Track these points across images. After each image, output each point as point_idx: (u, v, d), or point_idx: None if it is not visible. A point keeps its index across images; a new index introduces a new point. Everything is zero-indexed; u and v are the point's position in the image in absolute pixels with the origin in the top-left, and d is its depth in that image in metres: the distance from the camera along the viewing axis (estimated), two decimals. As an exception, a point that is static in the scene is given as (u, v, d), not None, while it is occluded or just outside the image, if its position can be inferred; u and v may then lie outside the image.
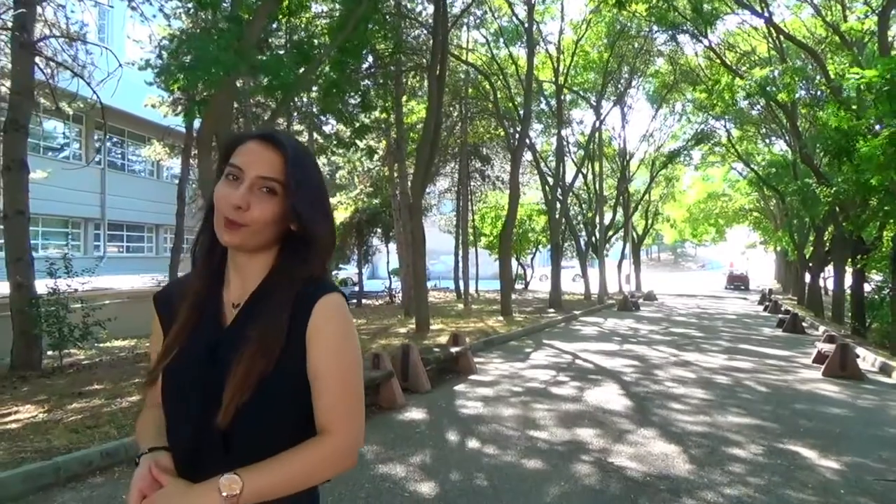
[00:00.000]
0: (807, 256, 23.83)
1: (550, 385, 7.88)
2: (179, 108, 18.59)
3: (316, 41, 13.34)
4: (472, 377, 8.31)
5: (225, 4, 11.65)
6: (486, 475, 4.52)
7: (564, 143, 24.67)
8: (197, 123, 13.77)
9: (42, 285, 9.25)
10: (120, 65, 11.54)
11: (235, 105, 12.58)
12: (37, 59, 10.48)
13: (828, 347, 9.73)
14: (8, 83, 12.43)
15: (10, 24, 10.97)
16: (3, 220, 9.32)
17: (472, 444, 5.30)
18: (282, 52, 14.26)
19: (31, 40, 10.05)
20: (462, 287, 23.50)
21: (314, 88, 14.87)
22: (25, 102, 9.69)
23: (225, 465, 1.10)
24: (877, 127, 8.79)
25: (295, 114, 17.71)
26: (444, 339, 10.50)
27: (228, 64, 6.86)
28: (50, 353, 9.44)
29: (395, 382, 6.48)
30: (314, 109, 17.88)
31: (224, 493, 1.07)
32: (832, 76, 14.81)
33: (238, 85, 10.91)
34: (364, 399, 1.24)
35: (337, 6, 11.93)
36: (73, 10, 13.28)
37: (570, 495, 4.14)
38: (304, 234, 1.23)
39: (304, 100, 17.32)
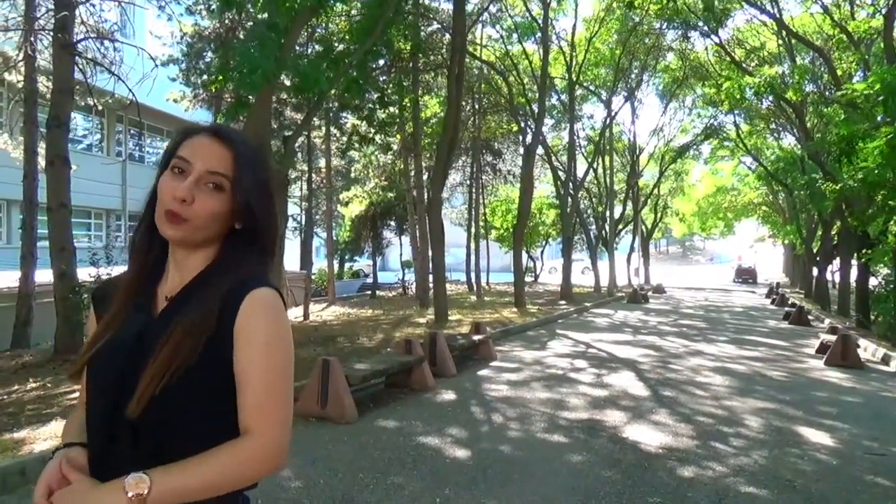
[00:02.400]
0: (814, 250, 24.19)
1: (569, 371, 8.43)
2: (201, 103, 19.19)
3: (342, 44, 13.91)
4: (494, 364, 8.87)
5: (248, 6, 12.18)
6: (514, 446, 5.07)
7: (576, 137, 25.10)
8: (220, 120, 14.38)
9: (83, 274, 9.82)
10: (156, 65, 12.11)
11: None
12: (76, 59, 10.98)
13: (830, 338, 10.20)
14: (43, 80, 13.03)
15: (50, 26, 11.56)
16: (47, 212, 9.88)
17: (500, 420, 5.87)
18: (299, 48, 14.80)
19: (72, 41, 10.52)
20: (474, 279, 24.06)
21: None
22: (66, 100, 10.16)
23: (133, 462, 1.06)
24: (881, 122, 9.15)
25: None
26: (463, 329, 11.04)
27: (270, 71, 7.38)
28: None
29: (426, 367, 7.04)
30: (332, 105, 18.38)
31: (130, 494, 1.02)
32: (839, 74, 15.21)
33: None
34: (292, 401, 1.20)
35: (360, 9, 12.41)
36: (103, 10, 13.76)
37: (590, 463, 4.69)
38: (251, 232, 1.23)
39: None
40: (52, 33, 10.84)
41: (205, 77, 15.69)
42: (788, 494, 4.16)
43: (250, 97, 9.02)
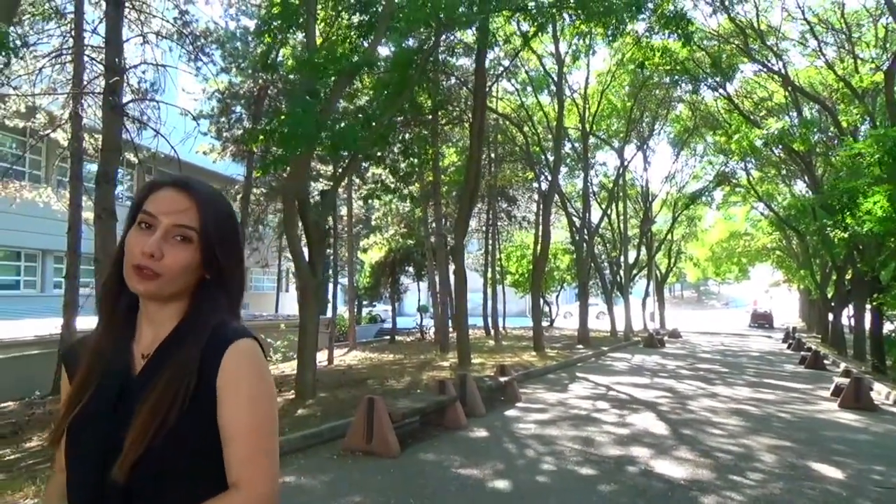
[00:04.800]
0: (829, 295, 24.42)
1: (592, 412, 8.87)
2: (229, 154, 20.10)
3: (366, 97, 14.79)
4: (520, 404, 9.31)
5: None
6: (548, 477, 5.53)
7: (589, 184, 25.79)
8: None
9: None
10: (197, 124, 13.03)
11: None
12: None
13: (844, 381, 10.53)
14: (87, 138, 13.88)
15: (98, 89, 12.49)
16: (95, 263, 10.55)
17: (532, 455, 6.32)
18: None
19: (121, 103, 11.35)
20: (491, 324, 24.52)
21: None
22: (114, 158, 10.91)
23: None
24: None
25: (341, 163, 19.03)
26: (486, 372, 11.46)
27: (311, 135, 8.10)
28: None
29: (459, 406, 7.52)
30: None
31: None
32: (845, 126, 15.84)
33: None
34: (278, 453, 1.19)
35: (387, 69, 13.28)
36: (144, 72, 14.68)
37: (619, 492, 5.13)
38: (219, 282, 1.22)
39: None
40: (100, 95, 11.72)
41: (240, 132, 16.58)
42: (801, 520, 4.57)
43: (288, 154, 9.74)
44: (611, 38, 13.42)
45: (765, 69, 18.03)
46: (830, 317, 23.94)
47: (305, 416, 7.62)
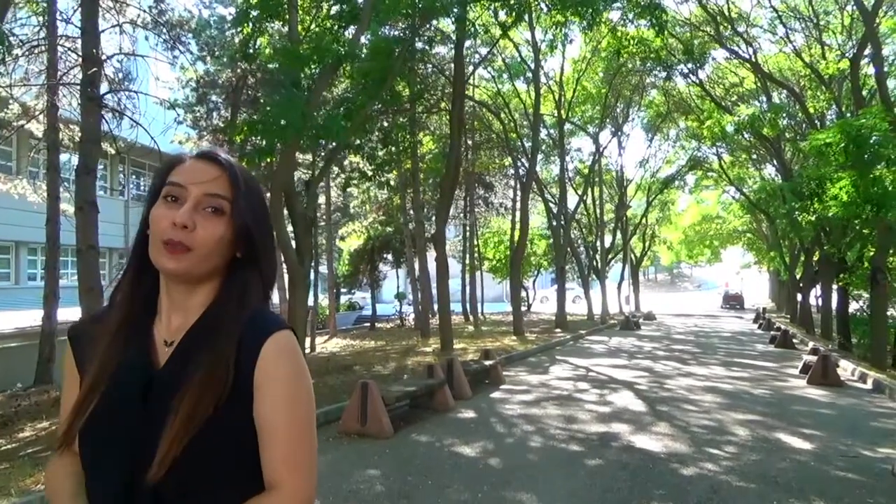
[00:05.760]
0: (797, 276, 25.16)
1: (574, 392, 9.20)
2: (205, 144, 20.02)
3: (345, 85, 14.85)
4: (504, 387, 9.62)
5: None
6: (535, 454, 5.83)
7: (565, 170, 26.12)
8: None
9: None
10: (177, 114, 13.01)
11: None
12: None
13: (812, 359, 11.00)
14: (63, 129, 13.76)
15: (74, 80, 12.40)
16: (77, 254, 10.55)
17: (519, 433, 6.62)
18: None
19: (99, 94, 11.28)
20: (470, 309, 24.84)
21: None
22: (94, 149, 10.85)
23: None
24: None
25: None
26: (468, 357, 11.73)
27: (297, 126, 8.23)
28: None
29: (447, 389, 7.78)
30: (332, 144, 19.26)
31: None
32: (812, 112, 16.35)
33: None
34: (317, 450, 1.14)
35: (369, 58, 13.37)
36: (119, 62, 14.56)
37: (603, 466, 5.44)
38: (251, 261, 1.14)
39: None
40: (76, 86, 11.63)
41: (217, 122, 16.55)
42: (773, 487, 4.92)
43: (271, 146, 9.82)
44: (586, 27, 13.66)
45: (735, 56, 18.43)
46: (799, 297, 24.68)
47: (297, 401, 7.80)
